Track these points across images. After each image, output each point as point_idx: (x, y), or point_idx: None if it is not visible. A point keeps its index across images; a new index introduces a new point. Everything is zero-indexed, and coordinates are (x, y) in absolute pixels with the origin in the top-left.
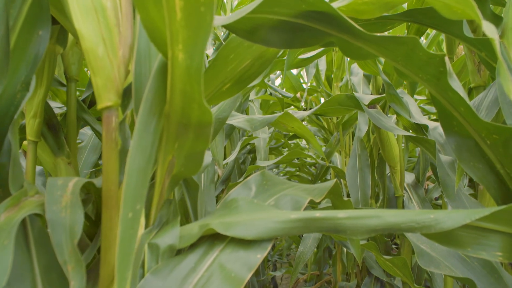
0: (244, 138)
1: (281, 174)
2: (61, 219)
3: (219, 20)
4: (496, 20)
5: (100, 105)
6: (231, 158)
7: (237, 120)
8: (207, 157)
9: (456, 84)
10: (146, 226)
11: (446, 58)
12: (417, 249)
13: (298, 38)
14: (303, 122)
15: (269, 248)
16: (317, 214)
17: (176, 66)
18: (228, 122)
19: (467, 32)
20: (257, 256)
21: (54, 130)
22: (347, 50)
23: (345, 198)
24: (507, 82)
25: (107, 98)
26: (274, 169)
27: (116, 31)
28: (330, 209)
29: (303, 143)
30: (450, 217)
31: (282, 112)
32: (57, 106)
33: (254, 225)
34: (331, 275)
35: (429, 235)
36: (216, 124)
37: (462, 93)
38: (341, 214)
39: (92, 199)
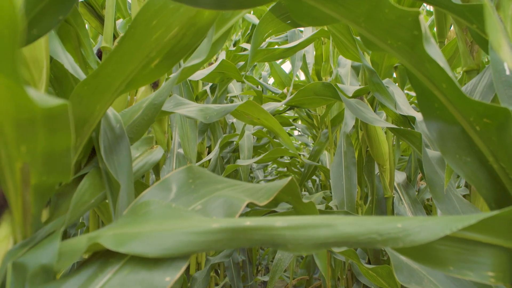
0: (224, 135)
1: (275, 174)
2: None
3: None
4: None
5: None
6: (210, 156)
7: (187, 109)
8: (157, 152)
9: (434, 52)
10: (23, 239)
11: (421, 17)
12: (395, 261)
13: None
14: (298, 122)
15: (184, 267)
16: (248, 222)
17: None
18: (176, 111)
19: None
20: (166, 279)
21: None
22: (298, 12)
23: (333, 199)
24: (496, 33)
25: None
26: (268, 168)
27: None
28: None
29: (294, 142)
30: (424, 227)
31: (244, 101)
32: None
33: (161, 237)
34: (321, 280)
35: (400, 250)
36: (151, 110)
37: (443, 63)
38: (279, 222)
39: None
